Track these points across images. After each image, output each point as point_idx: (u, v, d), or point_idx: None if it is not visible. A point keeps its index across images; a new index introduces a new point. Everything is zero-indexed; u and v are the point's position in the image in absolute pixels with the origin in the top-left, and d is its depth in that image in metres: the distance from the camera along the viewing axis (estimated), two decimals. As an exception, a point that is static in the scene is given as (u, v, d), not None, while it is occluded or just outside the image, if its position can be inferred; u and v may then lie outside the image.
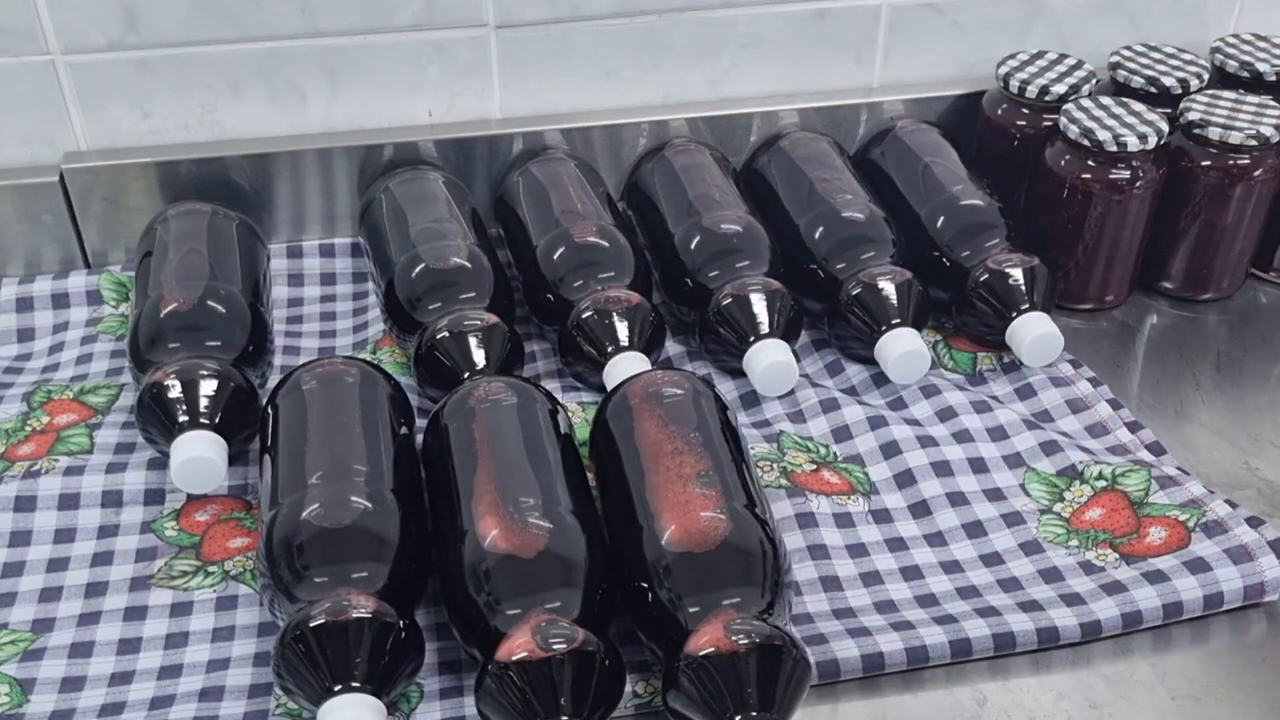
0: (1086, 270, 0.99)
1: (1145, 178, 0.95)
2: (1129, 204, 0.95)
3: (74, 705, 0.70)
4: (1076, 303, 1.01)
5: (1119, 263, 0.99)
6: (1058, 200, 0.97)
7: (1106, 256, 0.98)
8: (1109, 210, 0.95)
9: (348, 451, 0.75)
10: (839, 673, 0.70)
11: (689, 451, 0.73)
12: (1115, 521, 0.79)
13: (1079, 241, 0.98)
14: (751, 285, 0.90)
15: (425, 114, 1.06)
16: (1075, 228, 0.97)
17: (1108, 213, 0.96)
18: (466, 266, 0.91)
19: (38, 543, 0.79)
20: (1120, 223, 0.96)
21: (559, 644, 0.63)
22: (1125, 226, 0.97)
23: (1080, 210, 0.96)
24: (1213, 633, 0.74)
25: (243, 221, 0.99)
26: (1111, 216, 0.96)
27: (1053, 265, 0.95)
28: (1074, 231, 0.97)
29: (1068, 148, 0.96)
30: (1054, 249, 0.98)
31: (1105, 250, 0.98)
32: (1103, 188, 0.95)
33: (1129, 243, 0.98)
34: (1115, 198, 0.95)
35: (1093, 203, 0.95)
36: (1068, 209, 0.96)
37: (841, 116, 1.10)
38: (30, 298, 0.98)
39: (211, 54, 0.99)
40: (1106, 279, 1.00)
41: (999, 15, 1.11)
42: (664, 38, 1.06)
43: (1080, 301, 1.01)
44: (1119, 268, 0.99)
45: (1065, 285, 1.00)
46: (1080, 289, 1.00)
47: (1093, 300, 1.01)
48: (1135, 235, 0.98)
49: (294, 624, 0.65)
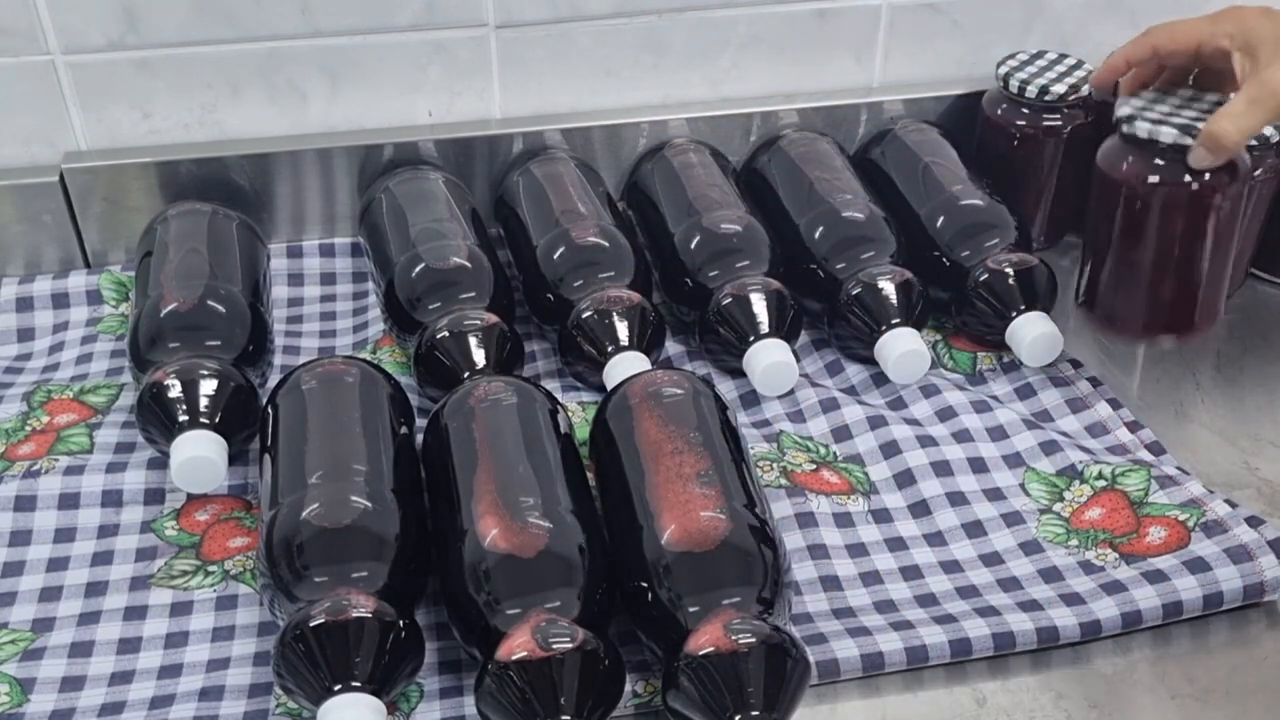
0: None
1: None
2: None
3: (74, 705, 0.70)
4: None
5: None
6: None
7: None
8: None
9: (348, 451, 0.75)
10: (839, 673, 0.70)
11: (689, 451, 0.73)
12: (1115, 521, 0.79)
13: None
14: (751, 285, 0.90)
15: (425, 114, 1.06)
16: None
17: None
18: (466, 266, 0.91)
19: (38, 542, 0.79)
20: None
21: (559, 644, 0.63)
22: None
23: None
24: (1213, 633, 0.74)
25: (243, 221, 0.99)
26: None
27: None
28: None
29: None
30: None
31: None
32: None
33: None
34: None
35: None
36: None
37: (841, 116, 1.10)
38: (30, 298, 0.98)
39: (211, 54, 0.99)
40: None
41: (999, 15, 1.11)
42: (664, 38, 1.06)
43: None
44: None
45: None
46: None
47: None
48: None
49: (294, 623, 0.65)
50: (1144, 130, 0.81)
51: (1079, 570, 0.76)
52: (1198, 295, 0.87)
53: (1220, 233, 0.84)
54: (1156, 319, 0.89)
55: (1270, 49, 0.75)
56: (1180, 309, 0.88)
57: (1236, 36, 0.77)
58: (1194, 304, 0.87)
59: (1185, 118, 0.82)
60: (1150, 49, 0.81)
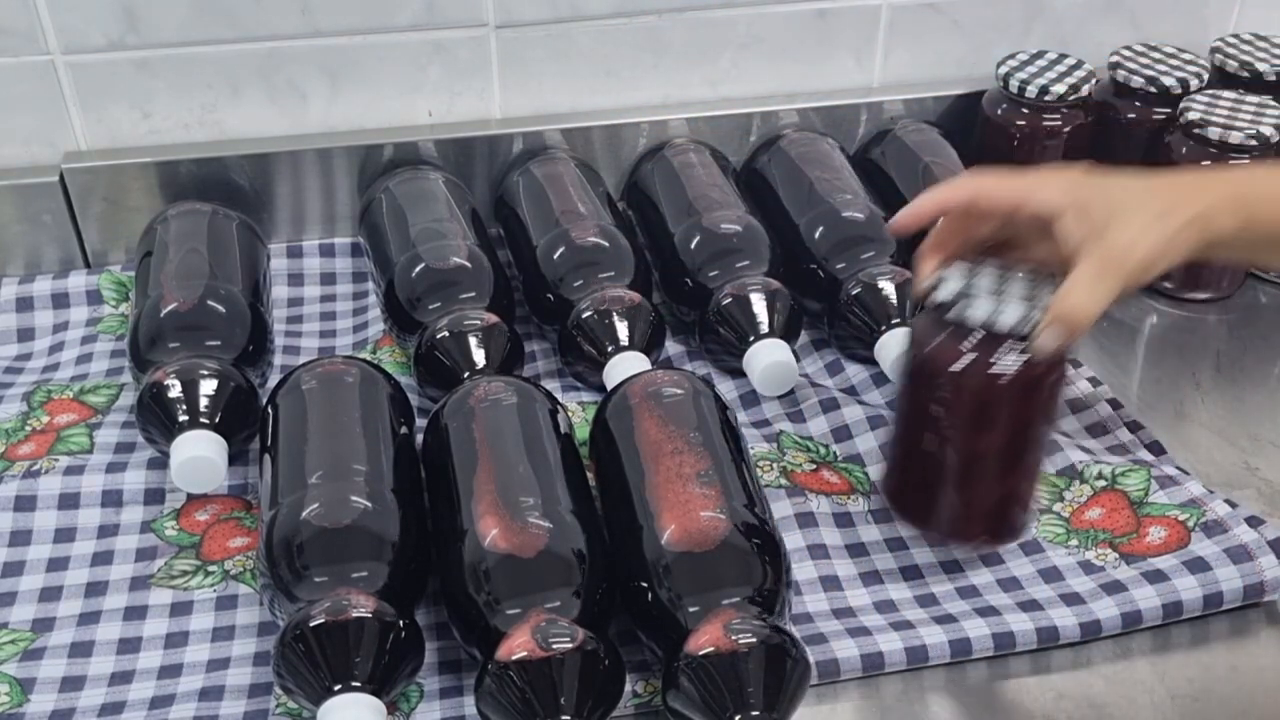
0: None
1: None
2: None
3: (74, 705, 0.69)
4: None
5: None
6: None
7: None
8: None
9: (348, 451, 0.75)
10: (839, 672, 0.70)
11: (689, 451, 0.73)
12: (1115, 521, 0.79)
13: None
14: (751, 285, 0.90)
15: (425, 114, 1.06)
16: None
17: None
18: (466, 266, 0.91)
19: (38, 542, 0.79)
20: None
21: (559, 644, 0.63)
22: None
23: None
24: (1213, 633, 0.74)
25: (243, 221, 0.99)
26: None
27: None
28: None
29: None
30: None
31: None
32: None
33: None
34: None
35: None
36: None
37: (841, 116, 1.10)
38: (30, 298, 0.98)
39: (211, 54, 0.99)
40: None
41: (999, 15, 1.11)
42: (664, 38, 1.06)
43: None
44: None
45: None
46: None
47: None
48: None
49: (294, 623, 0.65)
50: (979, 315, 0.67)
51: (1079, 570, 0.76)
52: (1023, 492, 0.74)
53: (1051, 412, 0.73)
54: (986, 525, 0.75)
55: (1104, 211, 0.65)
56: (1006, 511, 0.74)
57: (1065, 198, 0.66)
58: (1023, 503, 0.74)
59: (1017, 298, 0.68)
60: (968, 198, 0.69)
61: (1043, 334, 0.66)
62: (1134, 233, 0.65)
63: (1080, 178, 0.69)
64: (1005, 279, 0.70)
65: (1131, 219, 0.65)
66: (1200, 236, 0.67)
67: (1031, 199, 0.68)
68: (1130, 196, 0.67)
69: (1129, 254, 0.65)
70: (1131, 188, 0.67)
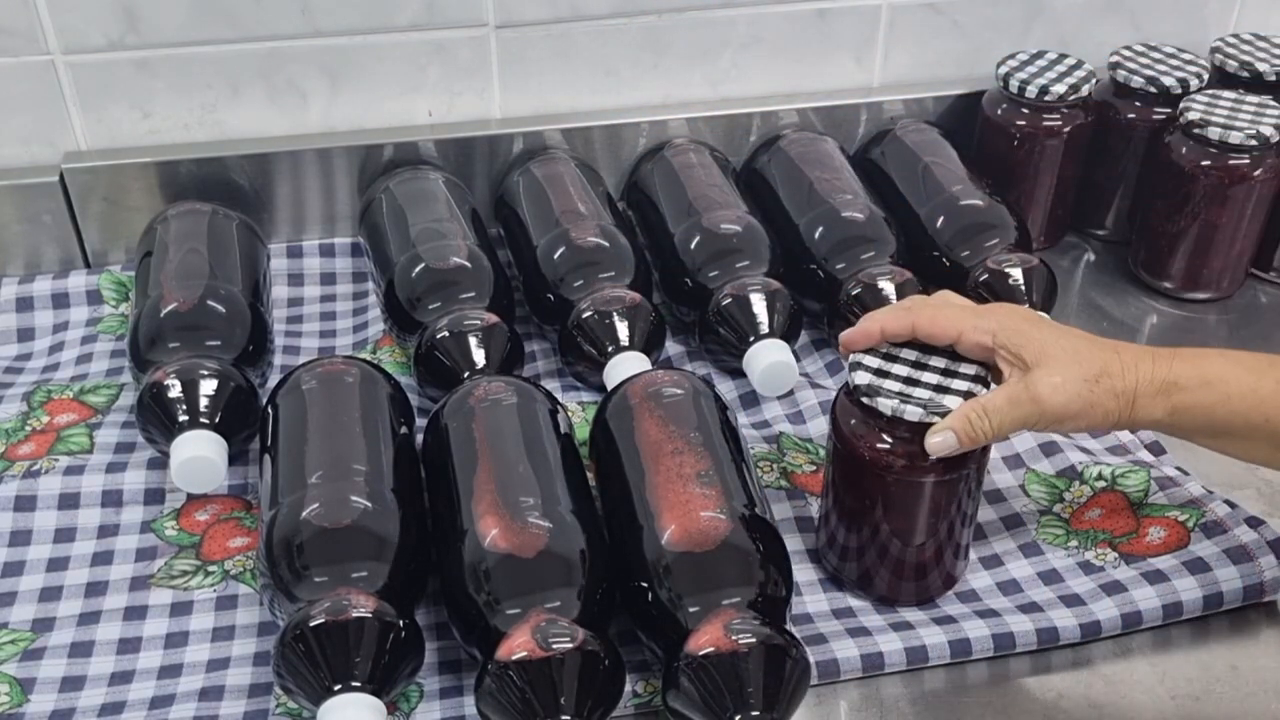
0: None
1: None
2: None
3: (74, 705, 0.70)
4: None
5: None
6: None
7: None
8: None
9: (348, 451, 0.75)
10: (839, 673, 0.70)
11: (689, 451, 0.73)
12: (1115, 522, 0.79)
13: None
14: (751, 285, 0.90)
15: (425, 114, 1.06)
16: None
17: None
18: (466, 266, 0.91)
19: (38, 542, 0.79)
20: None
21: (559, 644, 0.63)
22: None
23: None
24: (1213, 633, 0.74)
25: (243, 221, 0.99)
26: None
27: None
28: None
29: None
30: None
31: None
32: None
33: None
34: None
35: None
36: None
37: (841, 116, 1.10)
38: (30, 298, 0.98)
39: (211, 54, 0.99)
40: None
41: (999, 15, 1.11)
42: (664, 38, 1.06)
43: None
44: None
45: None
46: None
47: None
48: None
49: (294, 623, 0.65)
50: (887, 407, 0.69)
51: (1079, 571, 0.76)
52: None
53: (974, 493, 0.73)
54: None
55: (1035, 353, 0.68)
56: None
57: (1000, 334, 0.69)
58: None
59: (925, 389, 0.70)
60: (910, 328, 0.71)
61: (939, 434, 0.68)
62: (1058, 380, 0.68)
63: (1018, 321, 0.70)
64: (920, 363, 0.72)
65: (1060, 369, 0.68)
66: (1125, 414, 0.69)
67: (966, 338, 0.70)
68: (1063, 351, 0.68)
69: (1050, 396, 0.67)
70: (1065, 344, 0.69)
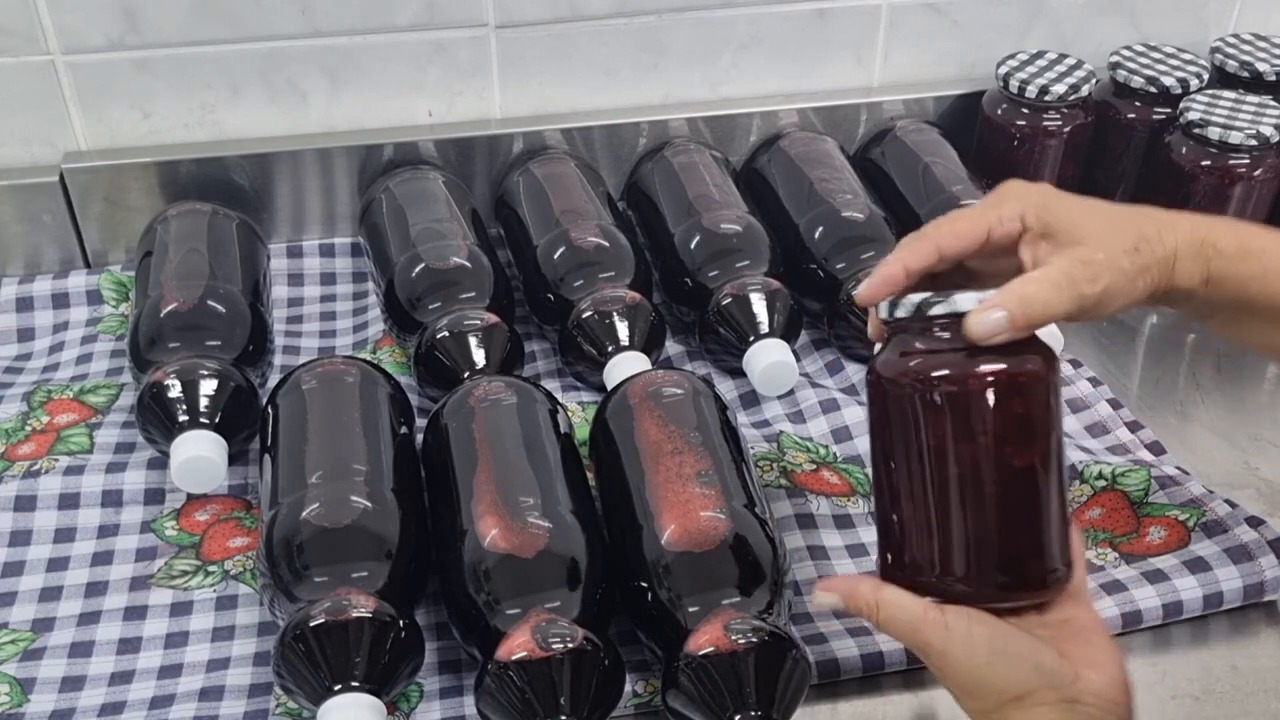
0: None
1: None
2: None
3: (74, 705, 0.70)
4: None
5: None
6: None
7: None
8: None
9: (348, 451, 0.75)
10: (839, 672, 0.70)
11: (689, 451, 0.73)
12: (1115, 521, 0.79)
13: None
14: (751, 285, 0.90)
15: (425, 114, 1.06)
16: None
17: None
18: (466, 266, 0.91)
19: (38, 542, 0.79)
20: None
21: (559, 644, 0.63)
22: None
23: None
24: (1213, 633, 0.74)
25: (243, 221, 0.99)
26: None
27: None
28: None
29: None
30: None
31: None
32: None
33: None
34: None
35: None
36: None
37: (841, 116, 1.10)
38: (30, 298, 0.98)
39: (211, 54, 0.99)
40: None
41: (999, 15, 1.11)
42: (664, 38, 1.06)
43: None
44: None
45: None
46: None
47: None
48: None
49: (294, 623, 0.65)
50: (934, 304, 0.58)
51: (1079, 570, 0.76)
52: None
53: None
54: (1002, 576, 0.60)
55: (1068, 227, 0.60)
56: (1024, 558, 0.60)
57: (1030, 214, 0.61)
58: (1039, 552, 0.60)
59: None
60: (935, 252, 0.62)
61: (988, 313, 0.57)
62: (1103, 258, 0.60)
63: (1042, 197, 0.63)
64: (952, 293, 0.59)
65: (1101, 244, 0.60)
66: (1164, 280, 0.62)
67: (996, 233, 0.62)
68: (1098, 223, 0.61)
69: (1097, 275, 0.59)
70: (1098, 215, 0.62)
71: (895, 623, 0.59)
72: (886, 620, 0.59)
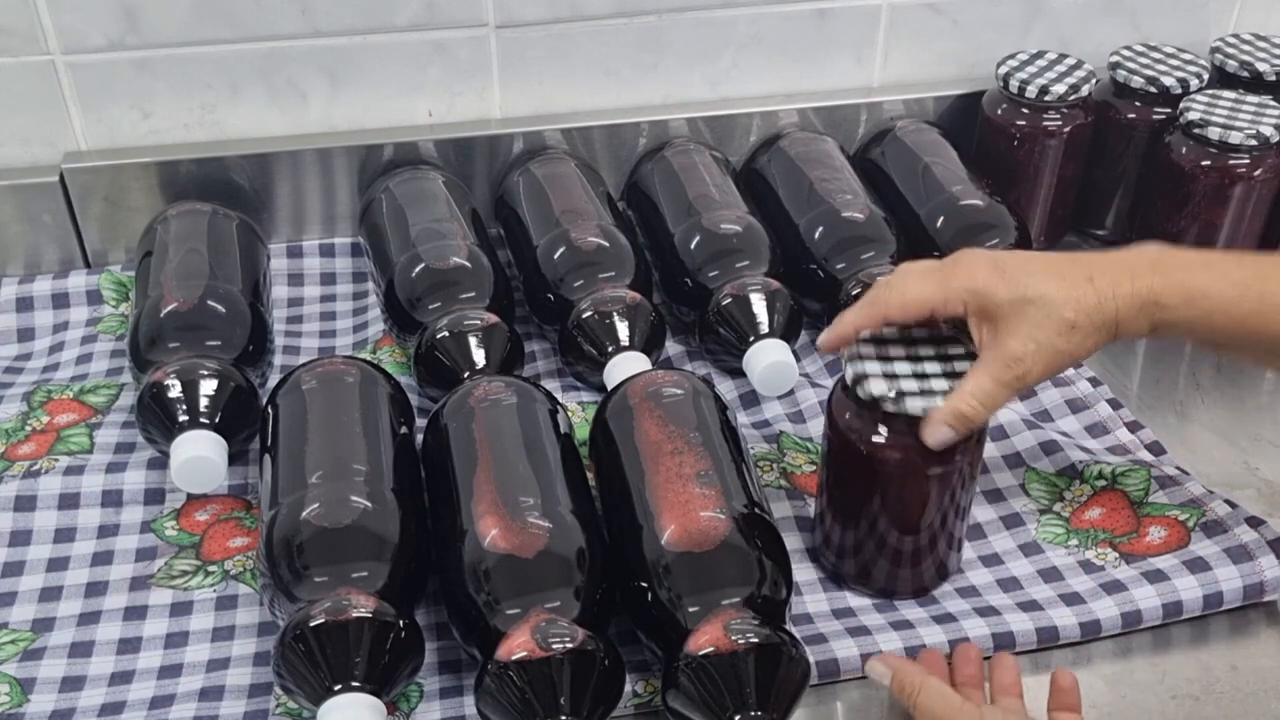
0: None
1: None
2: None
3: (74, 705, 0.69)
4: None
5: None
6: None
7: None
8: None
9: (348, 451, 0.75)
10: (839, 672, 0.70)
11: (689, 451, 0.73)
12: (1115, 521, 0.79)
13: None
14: (751, 285, 0.90)
15: (425, 114, 1.06)
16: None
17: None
18: (466, 266, 0.91)
19: (38, 542, 0.79)
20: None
21: (559, 644, 0.63)
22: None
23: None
24: (1213, 633, 0.74)
25: (243, 221, 0.99)
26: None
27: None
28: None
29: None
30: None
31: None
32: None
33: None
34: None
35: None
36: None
37: (841, 116, 1.10)
38: (30, 298, 0.98)
39: (211, 54, 0.99)
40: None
41: (999, 15, 1.11)
42: (664, 38, 1.06)
43: None
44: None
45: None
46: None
47: None
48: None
49: (294, 623, 0.65)
50: (886, 401, 0.68)
51: (1079, 570, 0.76)
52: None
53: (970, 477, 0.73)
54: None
55: (1005, 316, 0.67)
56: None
57: (971, 303, 0.68)
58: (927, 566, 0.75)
59: (920, 376, 0.70)
60: (882, 320, 0.71)
61: (936, 428, 0.67)
62: (1033, 348, 0.66)
63: (983, 278, 0.68)
64: (911, 352, 0.72)
65: (1037, 330, 0.66)
66: (1105, 339, 0.68)
67: (941, 309, 0.70)
68: (1035, 307, 0.66)
69: (1026, 371, 0.67)
70: (1035, 293, 0.66)
71: (931, 709, 0.64)
72: (924, 704, 0.64)
